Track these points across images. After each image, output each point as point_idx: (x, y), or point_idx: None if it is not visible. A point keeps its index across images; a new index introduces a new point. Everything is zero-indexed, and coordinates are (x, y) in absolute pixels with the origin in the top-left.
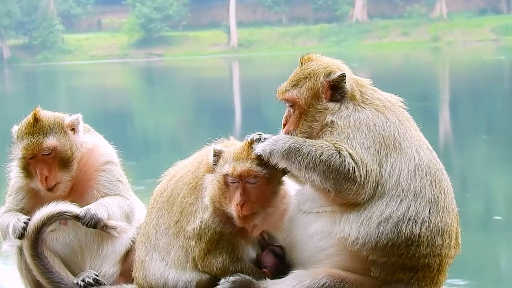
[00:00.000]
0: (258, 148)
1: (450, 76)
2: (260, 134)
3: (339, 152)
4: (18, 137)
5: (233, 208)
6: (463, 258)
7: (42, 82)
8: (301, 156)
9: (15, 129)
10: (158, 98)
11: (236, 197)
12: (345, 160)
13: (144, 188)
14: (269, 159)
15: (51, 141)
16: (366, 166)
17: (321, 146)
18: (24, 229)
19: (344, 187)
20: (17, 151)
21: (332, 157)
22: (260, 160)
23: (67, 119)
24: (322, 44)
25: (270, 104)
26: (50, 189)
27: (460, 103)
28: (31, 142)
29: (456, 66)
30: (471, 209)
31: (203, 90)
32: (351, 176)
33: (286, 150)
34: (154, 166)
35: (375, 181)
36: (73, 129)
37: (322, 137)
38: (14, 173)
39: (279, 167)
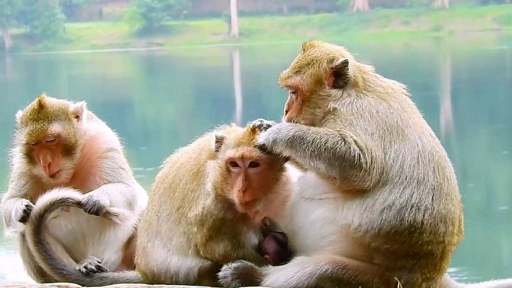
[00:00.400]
0: (261, 138)
1: (451, 65)
2: (261, 121)
3: (343, 139)
4: (22, 123)
5: (235, 194)
6: (463, 248)
7: (43, 71)
8: (305, 144)
9: (19, 114)
10: (158, 87)
11: (238, 183)
12: (350, 147)
13: (144, 176)
14: (272, 148)
15: (55, 128)
16: (371, 153)
17: (326, 134)
18: (25, 212)
19: (350, 174)
20: (21, 137)
21: (337, 144)
22: (259, 143)
23: (72, 106)
24: (323, 34)
25: (271, 93)
26: (52, 176)
27: (461, 93)
28: (35, 128)
29: (457, 56)
30: (472, 199)
31: (204, 80)
32: (356, 163)
33: (290, 139)
34: (154, 155)
35: (381, 167)
36: (77, 117)
37: (325, 125)
38: (17, 159)
39: (283, 156)
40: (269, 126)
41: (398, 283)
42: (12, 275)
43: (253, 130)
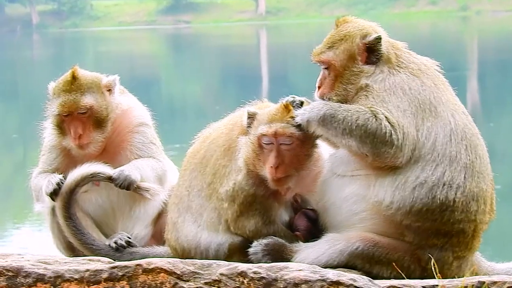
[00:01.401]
0: (298, 117)
1: (478, 46)
2: (293, 97)
3: (375, 116)
4: (54, 94)
5: (267, 171)
6: (488, 229)
7: (70, 48)
8: (336, 122)
9: (52, 85)
10: (185, 65)
11: (271, 159)
12: (381, 124)
13: (174, 153)
14: (307, 128)
15: (88, 100)
16: (403, 129)
17: (357, 111)
18: (58, 185)
19: (382, 150)
20: (53, 108)
21: (368, 121)
22: (295, 122)
23: (105, 79)
24: (350, 13)
25: (297, 72)
26: (81, 147)
27: (488, 73)
28: (68, 99)
29: (484, 36)
30: (498, 179)
31: (231, 58)
32: (388, 139)
33: (321, 117)
34: (180, 133)
35: (413, 144)
36: (109, 90)
37: (357, 101)
38: (48, 131)
39: (317, 135)
40: (301, 102)
41: (432, 260)
42: (38, 251)
43: (286, 107)
